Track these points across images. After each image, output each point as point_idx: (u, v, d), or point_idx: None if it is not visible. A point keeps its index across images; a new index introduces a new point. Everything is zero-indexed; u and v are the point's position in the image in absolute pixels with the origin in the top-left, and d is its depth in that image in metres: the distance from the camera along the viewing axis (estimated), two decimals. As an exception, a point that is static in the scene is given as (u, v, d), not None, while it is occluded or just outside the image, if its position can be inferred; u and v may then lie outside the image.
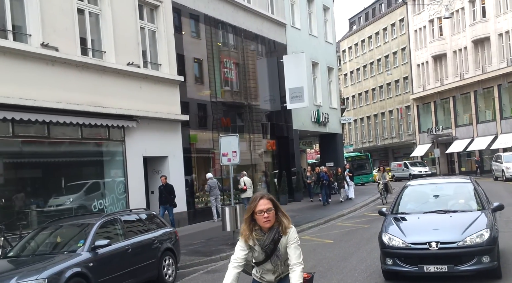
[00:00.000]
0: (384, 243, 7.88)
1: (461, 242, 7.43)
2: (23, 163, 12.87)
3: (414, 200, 9.12)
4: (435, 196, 9.19)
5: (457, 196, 9.02)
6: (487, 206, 8.50)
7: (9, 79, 11.72)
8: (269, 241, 4.07)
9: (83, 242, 8.12)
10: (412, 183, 10.02)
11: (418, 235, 7.75)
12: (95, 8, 14.56)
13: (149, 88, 16.02)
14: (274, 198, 4.15)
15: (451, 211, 8.36)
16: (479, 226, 7.69)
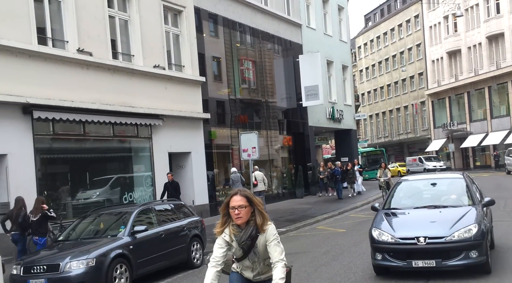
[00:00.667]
0: (373, 238, 7.94)
1: (449, 237, 7.45)
2: (61, 158, 14.10)
3: (406, 196, 9.19)
4: (427, 191, 9.27)
5: (448, 191, 9.09)
6: (478, 201, 8.50)
7: (50, 83, 12.91)
8: (246, 237, 3.96)
9: (124, 228, 9.27)
10: (406, 178, 10.10)
11: (406, 230, 7.81)
12: (124, 15, 15.70)
13: (174, 89, 17.13)
14: (251, 195, 4.03)
15: (441, 206, 8.38)
16: (467, 221, 7.70)
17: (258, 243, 4.00)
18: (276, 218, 17.11)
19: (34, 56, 12.52)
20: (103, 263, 8.37)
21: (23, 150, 12.29)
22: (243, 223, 3.96)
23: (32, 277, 8.19)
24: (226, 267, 4.18)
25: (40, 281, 8.14)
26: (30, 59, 12.45)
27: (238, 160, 21.49)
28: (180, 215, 11.06)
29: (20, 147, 12.21)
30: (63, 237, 9.72)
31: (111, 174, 15.66)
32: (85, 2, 14.03)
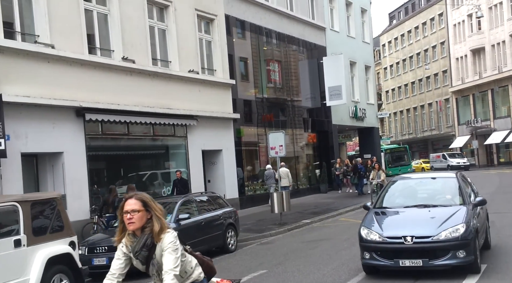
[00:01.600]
0: (361, 237, 7.94)
1: (436, 237, 7.44)
2: (108, 155, 15.67)
3: (397, 195, 9.20)
4: (419, 191, 9.29)
5: (440, 191, 9.08)
6: (469, 201, 8.48)
7: (99, 88, 14.45)
8: (140, 247, 3.54)
9: (170, 216, 10.74)
10: (399, 178, 10.21)
11: (394, 229, 7.82)
12: (163, 25, 17.19)
13: (206, 91, 18.57)
14: (148, 199, 3.59)
15: (431, 206, 8.38)
16: (455, 220, 7.69)
17: (156, 253, 3.55)
18: (301, 211, 18.47)
19: (85, 65, 14.08)
20: (154, 245, 9.82)
21: (77, 148, 13.86)
22: (137, 230, 3.55)
23: (96, 256, 9.71)
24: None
25: (102, 259, 9.66)
26: (82, 68, 14.01)
27: (265, 156, 22.89)
28: (216, 205, 12.49)
29: (74, 146, 13.78)
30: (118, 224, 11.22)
31: (151, 170, 17.21)
32: (129, 14, 15.54)
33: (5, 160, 11.75)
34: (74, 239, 8.11)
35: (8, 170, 11.95)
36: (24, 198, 7.60)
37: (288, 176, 20.68)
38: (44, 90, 12.89)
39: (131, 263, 3.68)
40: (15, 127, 12.13)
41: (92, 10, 14.70)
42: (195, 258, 3.89)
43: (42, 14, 13.04)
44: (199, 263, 3.91)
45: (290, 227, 15.10)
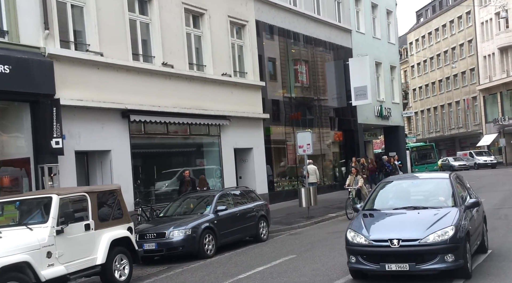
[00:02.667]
0: (348, 240, 7.73)
1: (423, 240, 7.22)
2: (150, 153, 17.04)
3: (388, 196, 8.99)
4: (410, 192, 9.09)
5: (432, 192, 8.83)
6: (461, 202, 8.23)
7: (142, 92, 15.81)
8: None
9: (209, 207, 12.03)
10: (390, 179, 10.03)
11: (381, 232, 7.62)
12: (198, 31, 18.48)
13: (238, 93, 19.80)
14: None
15: (421, 208, 8.16)
16: (445, 223, 7.45)
17: None
18: (327, 205, 19.60)
19: (130, 70, 15.45)
20: (196, 233, 11.16)
21: (122, 146, 15.24)
22: None
23: (146, 242, 11.05)
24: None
25: (151, 244, 10.99)
26: (127, 73, 15.38)
27: (292, 154, 24.04)
28: (249, 199, 13.73)
29: (120, 144, 15.17)
30: (163, 214, 12.60)
31: (187, 166, 18.50)
32: (168, 23, 16.86)
33: (61, 157, 13.15)
34: (131, 225, 9.46)
35: (64, 166, 13.36)
36: (92, 189, 8.98)
37: (315, 172, 21.78)
38: (94, 94, 14.28)
39: None
40: (70, 128, 13.53)
41: (136, 20, 16.06)
42: None
43: (92, 25, 14.44)
44: None
45: (316, 220, 16.26)
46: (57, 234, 7.97)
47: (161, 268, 10.72)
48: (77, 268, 8.24)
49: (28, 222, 8.20)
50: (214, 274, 9.55)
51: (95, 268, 8.58)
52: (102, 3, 14.64)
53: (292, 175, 24.36)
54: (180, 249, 11.02)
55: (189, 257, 11.19)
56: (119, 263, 9.00)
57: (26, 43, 12.65)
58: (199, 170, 18.86)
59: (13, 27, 12.44)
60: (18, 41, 12.50)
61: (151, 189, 16.96)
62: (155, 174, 17.23)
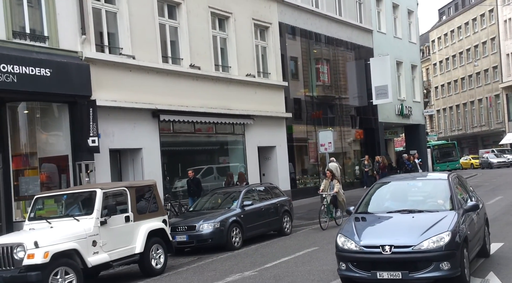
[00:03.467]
0: (337, 246, 7.32)
1: (417, 246, 6.77)
2: (178, 150, 17.83)
3: (381, 198, 8.51)
4: (406, 194, 8.52)
5: (429, 194, 8.36)
6: (460, 206, 7.73)
7: (171, 92, 16.60)
8: None
9: (236, 202, 12.76)
10: (386, 180, 9.51)
11: (372, 237, 7.18)
12: (224, 34, 19.21)
13: (262, 93, 20.49)
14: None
15: (416, 211, 7.68)
16: (440, 228, 6.97)
17: None
18: (348, 202, 20.07)
19: (159, 72, 16.25)
20: (224, 226, 11.90)
21: (152, 144, 16.06)
22: None
23: (177, 234, 11.82)
24: None
25: (183, 237, 11.76)
26: (157, 75, 16.19)
27: (314, 152, 24.65)
28: (273, 195, 14.42)
29: (151, 143, 15.99)
30: (193, 208, 13.38)
31: (213, 164, 19.33)
32: (195, 26, 17.62)
33: (97, 154, 14.01)
34: (165, 217, 10.24)
35: (99, 163, 14.22)
36: (131, 184, 9.78)
37: (337, 170, 22.40)
38: (127, 95, 15.10)
39: None
40: (105, 127, 14.37)
41: (165, 24, 16.84)
42: None
43: (125, 29, 15.27)
44: None
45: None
46: (101, 224, 8.78)
47: (192, 258, 11.48)
48: (119, 256, 9.04)
49: (75, 213, 9.02)
50: (242, 263, 10.27)
51: (134, 256, 9.38)
52: (134, 9, 15.46)
53: (314, 172, 24.97)
54: (209, 241, 11.78)
55: (218, 249, 11.94)
56: (155, 253, 9.79)
57: (65, 47, 13.52)
58: (223, 167, 19.61)
59: (53, 33, 13.32)
60: (58, 46, 13.37)
61: (178, 185, 17.75)
62: (182, 170, 18.03)
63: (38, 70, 12.55)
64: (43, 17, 13.28)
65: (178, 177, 17.78)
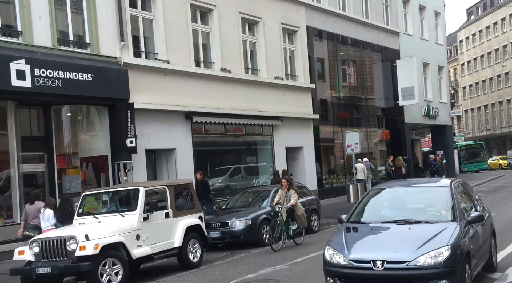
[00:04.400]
0: (325, 259, 6.72)
1: (412, 262, 6.13)
2: (209, 150, 18.53)
3: (376, 207, 7.87)
4: (403, 203, 7.86)
5: (429, 203, 7.69)
6: (462, 216, 7.06)
7: (203, 95, 17.29)
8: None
9: (266, 200, 13.37)
10: (382, 186, 8.91)
11: (363, 251, 6.54)
12: (253, 38, 19.85)
13: (290, 95, 21.05)
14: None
15: (413, 222, 7.02)
16: (439, 242, 6.33)
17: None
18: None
19: (192, 76, 16.97)
20: (255, 223, 12.53)
21: (185, 145, 16.79)
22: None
23: (211, 230, 12.48)
24: None
25: (216, 233, 12.43)
26: (190, 78, 16.91)
27: (340, 152, 25.13)
28: (301, 194, 14.91)
29: (184, 143, 16.72)
30: (225, 206, 14.06)
31: (242, 163, 19.99)
32: (226, 31, 18.29)
33: (134, 154, 14.80)
34: (201, 214, 10.93)
35: (136, 163, 15.00)
36: (170, 183, 10.49)
37: (363, 170, 22.87)
38: (162, 98, 15.86)
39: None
40: (141, 129, 15.14)
41: (198, 29, 17.56)
42: None
43: (160, 35, 16.04)
44: None
45: (364, 214, 17.30)
46: (144, 220, 9.50)
47: (226, 253, 12.15)
48: (160, 249, 9.76)
49: (120, 209, 9.77)
50: (273, 258, 10.88)
51: (173, 250, 10.09)
52: (169, 15, 16.21)
53: (340, 173, 25.44)
54: (241, 237, 12.43)
55: (249, 245, 12.57)
56: (192, 247, 10.48)
57: (105, 53, 14.34)
58: (251, 167, 20.26)
59: (94, 40, 14.16)
60: (99, 52, 14.20)
61: (213, 183, 18.42)
62: (213, 170, 18.73)
63: (81, 76, 13.39)
64: (85, 25, 14.13)
65: (210, 176, 18.47)
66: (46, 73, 12.61)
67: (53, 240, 8.64)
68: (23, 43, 12.57)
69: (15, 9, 12.66)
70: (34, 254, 8.68)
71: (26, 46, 12.58)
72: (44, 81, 12.55)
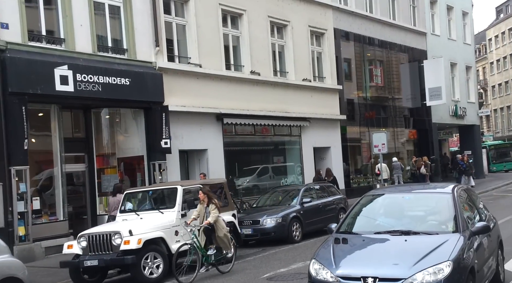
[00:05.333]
0: (310, 274, 6.05)
1: (408, 280, 5.45)
2: (239, 150, 19.06)
3: (370, 215, 7.10)
4: (399, 211, 7.07)
5: (428, 212, 6.95)
6: (466, 227, 6.29)
7: (233, 97, 17.86)
8: None
9: (296, 199, 13.88)
10: (377, 191, 8.27)
11: (352, 266, 5.87)
12: (282, 41, 20.34)
13: (317, 96, 21.47)
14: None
15: (411, 233, 6.25)
16: (440, 256, 5.66)
17: None
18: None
19: (223, 79, 17.57)
20: (286, 221, 13.04)
21: (216, 145, 17.39)
22: None
23: (243, 227, 13.02)
24: None
25: (248, 230, 12.99)
26: (221, 81, 17.50)
27: (366, 152, 25.44)
28: (330, 193, 15.44)
29: (215, 144, 17.32)
30: (256, 205, 14.61)
31: (270, 163, 20.51)
32: (256, 35, 18.83)
33: (168, 155, 15.46)
34: (235, 212, 11.50)
35: (170, 163, 15.66)
36: (205, 182, 11.08)
37: (386, 170, 23.20)
38: (194, 101, 16.49)
39: None
40: (175, 130, 15.79)
41: (228, 34, 18.15)
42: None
43: (193, 40, 16.67)
44: None
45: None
46: (182, 217, 10.10)
47: (257, 249, 12.68)
48: (196, 244, 10.32)
49: (159, 207, 10.40)
50: (303, 254, 11.36)
51: (209, 245, 10.64)
52: (201, 21, 16.84)
53: (367, 172, 25.74)
54: (272, 234, 12.96)
55: (279, 242, 13.08)
56: (226, 243, 11.02)
57: (141, 58, 15.04)
58: (279, 167, 20.76)
59: (131, 46, 14.87)
60: (135, 57, 14.91)
61: (239, 183, 19.02)
62: (243, 169, 19.30)
63: (119, 80, 14.11)
64: (123, 32, 14.86)
65: (238, 175, 19.05)
66: (87, 78, 13.35)
67: (99, 235, 9.31)
68: (66, 50, 13.34)
69: (58, 17, 13.44)
70: (82, 248, 9.36)
71: (68, 52, 13.34)
72: (85, 85, 13.29)
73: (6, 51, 12.02)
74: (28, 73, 12.23)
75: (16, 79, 12.04)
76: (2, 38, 12.02)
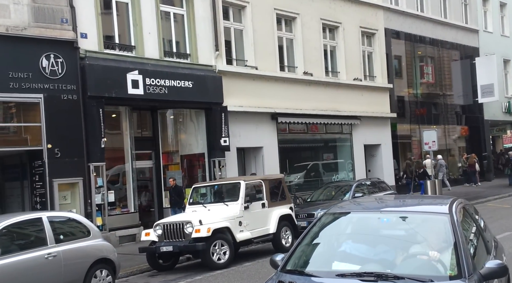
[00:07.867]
0: None
1: None
2: (293, 147, 19.93)
3: (331, 245, 4.78)
4: (376, 238, 4.67)
5: (416, 240, 4.54)
6: (471, 268, 4.01)
7: (287, 97, 18.75)
8: None
9: (348, 194, 14.67)
10: (344, 209, 5.22)
11: None
12: (333, 42, 21.07)
13: (368, 95, 22.07)
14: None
15: (390, 277, 3.97)
16: None
17: None
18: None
19: (277, 80, 18.50)
20: (339, 215, 13.82)
21: (271, 143, 18.35)
22: None
23: (299, 220, 13.86)
24: None
25: (303, 222, 13.82)
26: (276, 82, 18.44)
27: (417, 149, 25.78)
28: (380, 188, 16.10)
29: (270, 141, 18.28)
30: (310, 199, 15.50)
31: (322, 160, 21.31)
32: (308, 37, 19.65)
33: (227, 152, 16.53)
34: (291, 205, 12.43)
35: (229, 160, 16.74)
36: (265, 177, 12.09)
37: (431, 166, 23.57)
38: (251, 101, 17.50)
39: None
40: (233, 129, 16.84)
41: (282, 37, 19.05)
42: None
43: (249, 43, 17.68)
44: None
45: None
46: (245, 209, 11.13)
47: (312, 241, 13.53)
48: (258, 234, 11.37)
49: (224, 200, 11.47)
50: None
51: (269, 235, 11.66)
52: (257, 25, 17.82)
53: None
54: (326, 227, 13.76)
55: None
56: (284, 233, 12.00)
57: (203, 62, 16.18)
58: (328, 164, 21.51)
59: (193, 50, 16.02)
60: (197, 61, 16.05)
61: (291, 179, 19.91)
62: (295, 166, 20.18)
63: (183, 83, 15.28)
64: (186, 38, 16.02)
65: (290, 172, 19.96)
66: (155, 82, 14.59)
67: (173, 224, 10.46)
68: (136, 56, 14.61)
69: (129, 26, 14.73)
70: (158, 236, 10.53)
71: (138, 58, 14.61)
72: (154, 89, 14.53)
73: (85, 59, 13.38)
74: (104, 78, 13.56)
75: (94, 84, 13.39)
76: (82, 47, 13.37)
